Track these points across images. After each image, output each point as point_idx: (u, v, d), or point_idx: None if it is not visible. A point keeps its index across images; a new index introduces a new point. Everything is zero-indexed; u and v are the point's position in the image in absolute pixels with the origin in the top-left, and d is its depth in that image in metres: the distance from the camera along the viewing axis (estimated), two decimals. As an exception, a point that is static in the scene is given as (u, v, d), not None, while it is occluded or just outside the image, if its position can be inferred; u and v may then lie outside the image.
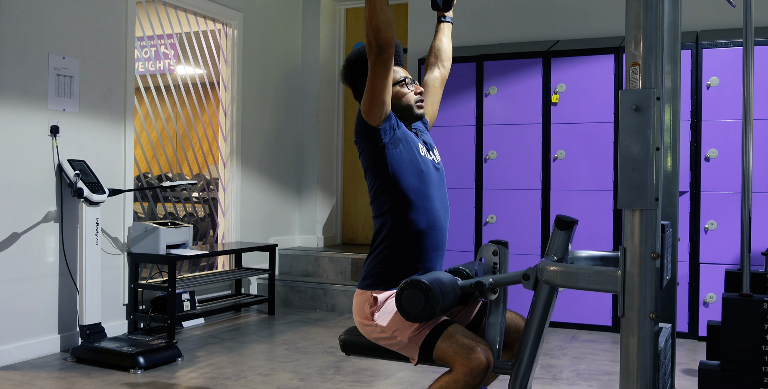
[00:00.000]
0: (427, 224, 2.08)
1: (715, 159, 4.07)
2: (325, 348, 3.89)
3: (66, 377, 3.30)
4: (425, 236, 2.09)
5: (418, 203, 2.08)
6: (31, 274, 3.61)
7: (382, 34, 1.93)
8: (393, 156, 2.06)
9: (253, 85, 5.31)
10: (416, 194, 2.08)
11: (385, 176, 2.07)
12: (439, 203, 2.13)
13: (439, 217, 2.12)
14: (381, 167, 2.07)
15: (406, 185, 2.07)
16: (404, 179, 2.07)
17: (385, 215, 2.09)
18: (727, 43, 4.08)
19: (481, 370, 1.84)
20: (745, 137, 1.97)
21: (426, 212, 2.09)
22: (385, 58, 1.96)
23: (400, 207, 2.07)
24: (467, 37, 5.12)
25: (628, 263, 1.39)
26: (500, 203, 4.56)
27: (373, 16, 1.93)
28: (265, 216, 5.49)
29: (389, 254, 2.09)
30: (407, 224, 2.07)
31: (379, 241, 2.11)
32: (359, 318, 2.11)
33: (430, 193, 2.11)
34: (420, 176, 2.09)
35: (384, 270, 2.09)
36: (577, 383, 3.25)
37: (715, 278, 4.02)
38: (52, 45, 3.72)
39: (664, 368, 1.61)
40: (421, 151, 2.14)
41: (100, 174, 3.83)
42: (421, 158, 2.12)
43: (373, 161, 2.09)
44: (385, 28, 1.93)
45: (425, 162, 2.13)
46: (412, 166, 2.08)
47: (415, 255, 2.09)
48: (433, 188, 2.13)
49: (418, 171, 2.09)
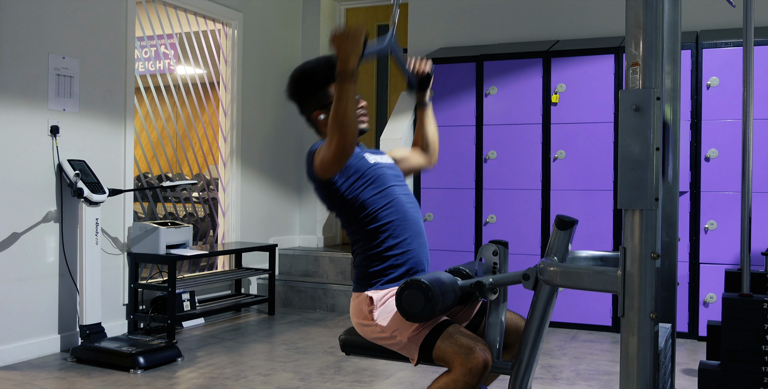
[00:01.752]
0: (396, 216, 2.11)
1: (715, 159, 4.07)
2: (325, 348, 3.89)
3: (66, 377, 3.30)
4: (399, 228, 2.11)
5: (384, 202, 2.11)
6: (31, 274, 3.61)
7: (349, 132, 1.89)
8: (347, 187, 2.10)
9: (253, 85, 5.31)
10: (378, 197, 2.11)
11: (345, 202, 2.11)
12: (403, 197, 2.16)
13: (407, 208, 2.15)
14: (339, 199, 2.11)
15: (366, 199, 2.10)
16: (363, 196, 2.10)
17: (357, 224, 2.12)
18: (727, 43, 4.08)
19: (480, 370, 1.84)
20: (745, 137, 1.97)
21: (393, 206, 2.12)
22: (346, 154, 1.94)
23: (367, 214, 2.10)
24: (467, 37, 5.12)
25: (628, 263, 1.39)
26: (500, 203, 4.56)
27: (345, 114, 1.88)
28: (265, 216, 5.49)
29: (372, 254, 2.11)
30: (379, 224, 2.10)
31: (359, 246, 2.15)
32: (358, 319, 2.12)
33: (391, 191, 2.14)
34: (376, 183, 2.12)
35: (372, 270, 2.11)
36: (577, 383, 3.25)
37: (715, 278, 4.02)
38: (52, 45, 3.72)
39: (664, 368, 1.61)
40: (370, 160, 2.16)
41: (100, 174, 3.83)
42: (372, 167, 2.14)
43: (328, 197, 2.13)
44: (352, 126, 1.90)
45: (377, 168, 2.15)
46: (366, 183, 2.11)
47: (397, 249, 2.10)
48: (393, 185, 2.16)
49: (374, 180, 2.12)
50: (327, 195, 2.14)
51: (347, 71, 1.89)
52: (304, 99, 2.22)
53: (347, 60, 1.89)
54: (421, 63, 2.27)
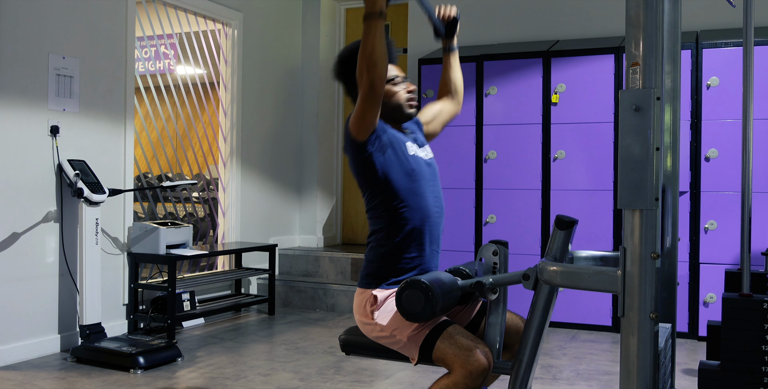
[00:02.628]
0: (420, 221, 2.10)
1: (715, 159, 4.07)
2: (325, 348, 3.89)
3: (66, 377, 3.30)
4: (420, 233, 2.10)
5: (411, 201, 2.09)
6: (31, 274, 3.61)
7: (377, 68, 1.92)
8: (381, 162, 2.08)
9: (253, 85, 5.31)
10: (408, 193, 2.09)
11: (376, 181, 2.09)
12: (432, 199, 2.15)
13: (432, 213, 2.13)
14: (371, 174, 2.09)
15: (397, 187, 2.08)
16: (395, 181, 2.08)
17: (381, 215, 2.11)
18: (727, 43, 4.08)
19: (481, 372, 1.84)
20: (745, 137, 1.97)
21: (419, 210, 2.10)
22: (376, 94, 1.96)
23: (393, 207, 2.09)
24: (467, 37, 5.12)
25: (628, 263, 1.39)
26: (500, 203, 4.55)
27: (373, 50, 1.91)
28: (265, 216, 5.49)
29: (386, 251, 2.10)
30: (402, 223, 2.08)
31: (375, 239, 2.13)
32: (360, 316, 2.12)
33: (422, 191, 2.12)
34: (411, 175, 2.10)
35: (382, 268, 2.10)
36: (577, 383, 3.25)
37: (715, 278, 4.02)
38: (52, 45, 3.72)
39: (664, 368, 1.61)
40: (410, 150, 2.14)
41: (100, 174, 3.83)
42: (411, 157, 2.13)
43: (362, 168, 2.10)
44: (381, 62, 1.92)
45: (416, 161, 2.14)
46: (401, 167, 2.09)
47: (411, 252, 2.10)
48: (426, 184, 2.14)
49: (409, 171, 2.10)
50: (361, 166, 2.10)
51: (375, 11, 1.91)
52: (351, 79, 2.19)
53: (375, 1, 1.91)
54: (447, 8, 2.32)
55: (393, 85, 2.16)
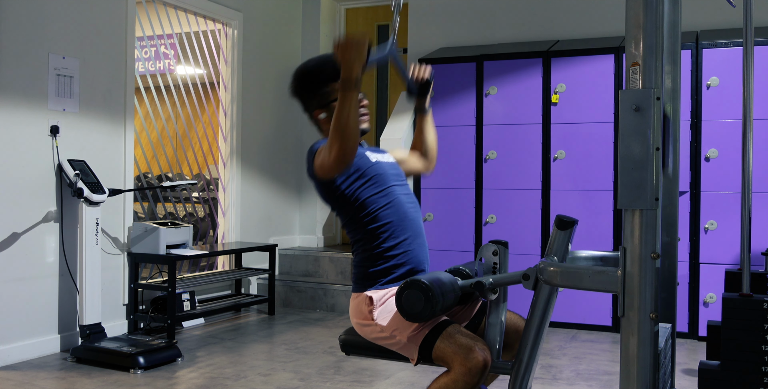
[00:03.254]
0: (398, 219, 2.12)
1: (715, 159, 4.07)
2: (325, 348, 3.89)
3: (66, 377, 3.30)
4: (400, 229, 2.12)
5: (384, 201, 2.12)
6: (31, 274, 3.61)
7: (351, 141, 1.88)
8: (351, 189, 2.10)
9: (253, 85, 5.31)
10: (379, 196, 2.12)
11: (348, 203, 2.12)
12: (403, 197, 2.16)
13: (407, 209, 2.15)
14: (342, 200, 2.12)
15: (367, 195, 2.11)
16: (367, 198, 2.10)
17: (356, 223, 2.13)
18: (727, 43, 4.08)
19: (479, 370, 1.84)
20: (745, 137, 1.97)
21: (393, 206, 2.12)
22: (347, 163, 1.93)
23: (368, 214, 2.10)
24: (467, 37, 5.12)
25: (628, 263, 1.39)
26: (500, 203, 4.55)
27: (347, 122, 1.87)
28: (265, 216, 5.49)
29: (371, 255, 2.11)
30: (379, 225, 2.10)
31: (358, 247, 2.15)
32: (357, 319, 2.12)
33: (392, 191, 2.14)
34: (376, 180, 2.12)
35: (372, 270, 2.11)
36: (577, 383, 3.25)
37: (715, 278, 4.02)
38: (52, 45, 3.72)
39: (664, 368, 1.61)
40: (371, 159, 2.16)
41: (100, 174, 3.83)
42: (373, 164, 2.15)
43: (331, 197, 2.13)
44: (355, 136, 1.89)
45: (379, 166, 2.16)
46: (368, 182, 2.11)
47: (397, 249, 2.11)
48: (393, 184, 2.16)
49: (375, 179, 2.12)
50: (327, 194, 2.14)
51: (351, 80, 1.88)
52: (306, 97, 2.21)
53: (351, 69, 1.87)
54: (421, 69, 2.27)
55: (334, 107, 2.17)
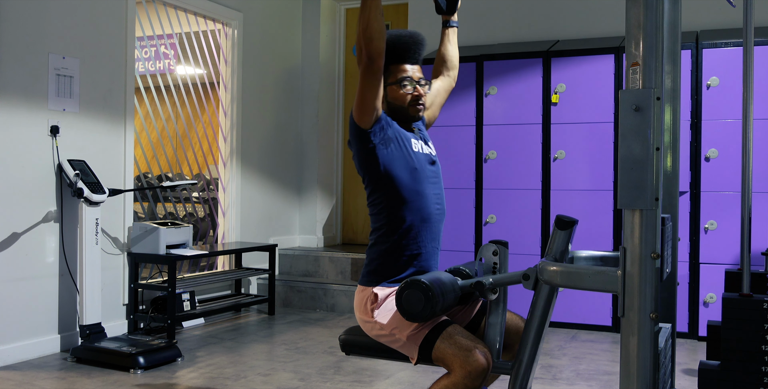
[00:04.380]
0: (420, 220, 2.12)
1: (715, 159, 4.07)
2: (325, 348, 3.89)
3: (66, 377, 3.30)
4: (420, 231, 2.11)
5: (412, 200, 2.10)
6: (31, 274, 3.61)
7: (374, 43, 1.95)
8: (384, 156, 2.09)
9: (253, 85, 5.31)
10: (409, 192, 2.10)
11: (378, 175, 2.10)
12: (432, 198, 2.16)
13: (432, 212, 2.14)
14: (373, 167, 2.10)
15: (399, 183, 2.09)
16: (397, 178, 2.09)
17: (381, 212, 2.12)
18: (727, 43, 4.08)
19: (480, 372, 1.84)
20: (745, 137, 1.97)
21: (420, 209, 2.11)
22: (374, 69, 1.99)
23: (394, 205, 2.10)
24: (467, 37, 5.12)
25: (628, 263, 1.39)
26: (500, 203, 4.56)
27: (367, 26, 1.95)
28: (265, 216, 5.49)
29: (387, 249, 2.11)
30: (401, 221, 2.10)
31: (376, 237, 2.14)
32: (360, 314, 2.12)
33: (423, 190, 2.13)
34: (413, 174, 2.11)
35: (383, 266, 2.11)
36: (577, 383, 3.25)
37: (715, 278, 4.02)
38: (52, 45, 3.72)
39: (664, 368, 1.61)
40: (414, 147, 2.15)
41: (100, 174, 3.83)
42: (414, 154, 2.14)
43: (365, 161, 2.11)
44: (377, 38, 1.95)
45: (418, 159, 2.14)
46: (404, 164, 2.10)
47: (411, 250, 2.11)
48: (427, 183, 2.15)
49: (411, 169, 2.11)
50: (363, 159, 2.11)
51: None
52: None
53: None
54: None
55: (400, 87, 2.16)
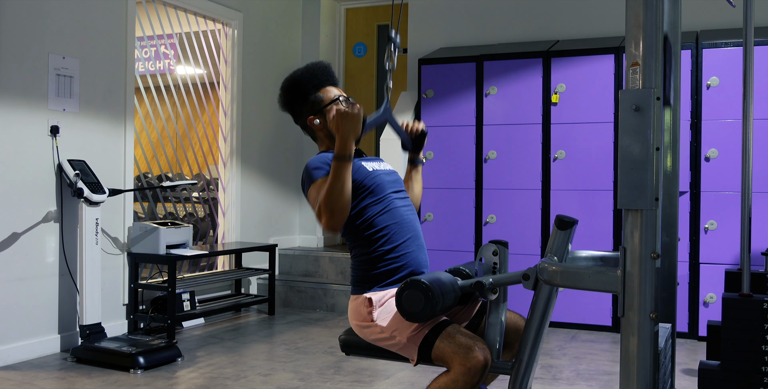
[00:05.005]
0: (393, 221, 2.14)
1: (715, 159, 4.07)
2: (325, 348, 3.89)
3: (66, 377, 3.30)
4: (396, 232, 2.13)
5: (379, 208, 2.14)
6: (31, 274, 3.61)
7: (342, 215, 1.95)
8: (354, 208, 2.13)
9: (253, 85, 5.31)
10: (375, 204, 2.14)
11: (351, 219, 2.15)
12: (398, 201, 2.18)
13: (403, 212, 2.17)
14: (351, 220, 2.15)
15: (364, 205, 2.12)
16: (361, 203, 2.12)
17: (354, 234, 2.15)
18: (727, 43, 4.08)
19: (479, 369, 1.84)
20: (745, 137, 1.97)
21: (389, 212, 2.14)
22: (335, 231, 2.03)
23: (365, 220, 2.12)
24: (467, 37, 5.13)
25: (628, 263, 1.39)
26: (500, 203, 4.55)
27: (339, 195, 1.94)
28: (265, 216, 5.49)
29: (369, 259, 2.13)
30: (375, 228, 2.12)
31: (356, 253, 2.17)
32: (357, 321, 2.12)
33: (387, 196, 2.16)
34: (375, 191, 2.14)
35: (370, 272, 2.12)
36: (577, 383, 3.25)
37: (715, 278, 4.02)
38: (52, 45, 3.72)
39: (664, 368, 1.61)
40: (369, 168, 2.18)
41: (100, 174, 3.83)
42: (370, 174, 2.16)
43: None
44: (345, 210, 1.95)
45: (376, 175, 2.17)
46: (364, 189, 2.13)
47: (396, 252, 2.12)
48: (389, 191, 2.17)
49: (372, 188, 2.14)
50: None
51: (346, 152, 1.95)
52: (297, 107, 2.25)
53: (346, 142, 1.96)
54: (414, 124, 2.33)
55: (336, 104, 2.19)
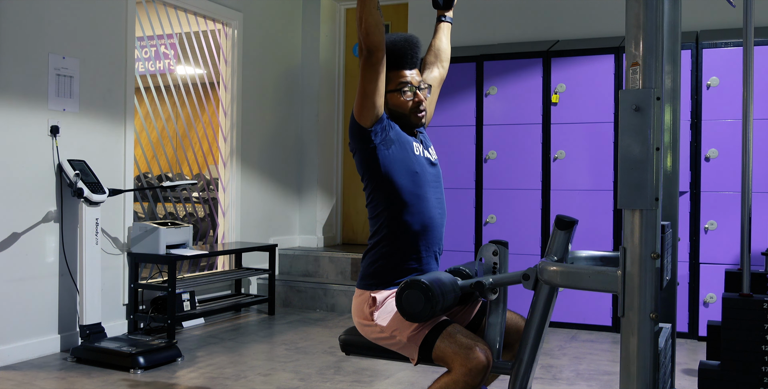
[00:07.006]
0: (421, 225, 2.09)
1: (715, 159, 4.07)
2: (325, 348, 3.89)
3: (66, 377, 3.30)
4: (420, 237, 2.10)
5: (413, 204, 2.09)
6: (31, 274, 3.61)
7: (370, 37, 1.95)
8: (385, 157, 2.07)
9: (253, 85, 5.31)
10: (410, 195, 2.09)
11: (378, 177, 2.08)
12: (434, 202, 2.14)
13: (434, 217, 2.13)
14: (374, 168, 2.09)
15: (399, 186, 2.08)
16: (397, 180, 2.07)
17: (381, 216, 2.10)
18: (727, 43, 4.08)
19: (480, 370, 1.84)
20: (745, 137, 1.96)
21: (420, 213, 2.09)
22: (373, 62, 1.98)
23: (394, 209, 2.08)
24: (467, 37, 5.12)
25: (628, 263, 1.39)
26: (500, 203, 4.55)
27: (363, 20, 1.95)
28: (265, 216, 5.49)
29: (385, 253, 2.10)
30: (402, 226, 2.08)
31: (375, 241, 2.12)
32: (358, 318, 2.12)
33: (424, 193, 2.11)
34: (414, 178, 2.10)
35: (381, 270, 2.10)
36: (577, 383, 3.25)
37: (715, 278, 4.02)
38: (52, 45, 3.72)
39: (664, 368, 1.61)
40: (415, 150, 2.14)
41: (100, 174, 3.83)
42: (415, 157, 2.12)
43: (365, 162, 2.10)
44: (373, 32, 1.95)
45: (419, 162, 2.13)
46: (405, 166, 2.08)
47: (410, 255, 2.10)
48: (428, 187, 2.13)
49: (412, 172, 2.09)
50: (364, 159, 2.09)
51: None
52: None
53: None
54: None
55: (400, 94, 2.15)
